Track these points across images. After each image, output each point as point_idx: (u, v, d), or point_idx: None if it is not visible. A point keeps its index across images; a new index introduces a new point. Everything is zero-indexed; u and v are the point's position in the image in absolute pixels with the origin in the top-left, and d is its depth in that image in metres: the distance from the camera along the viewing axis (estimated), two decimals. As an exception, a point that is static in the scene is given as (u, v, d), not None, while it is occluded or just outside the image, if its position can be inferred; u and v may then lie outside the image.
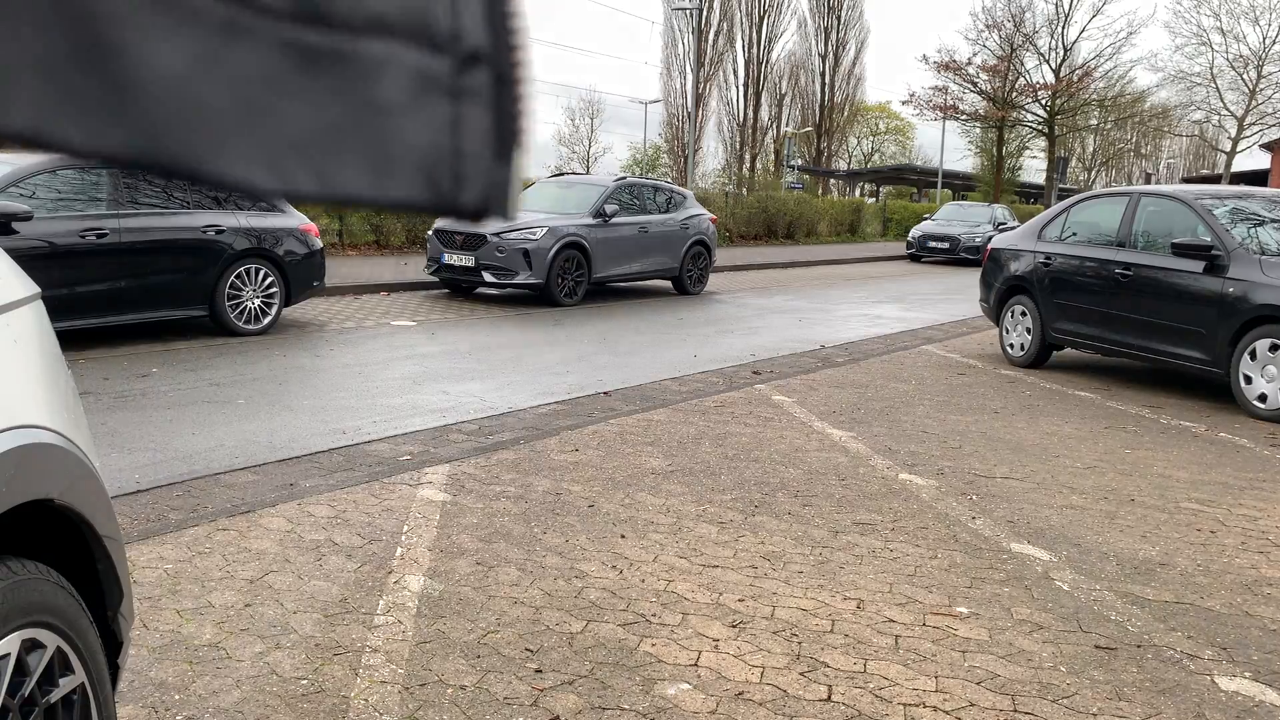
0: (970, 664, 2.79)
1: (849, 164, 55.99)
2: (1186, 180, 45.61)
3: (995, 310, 8.74)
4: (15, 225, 6.84)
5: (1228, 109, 36.42)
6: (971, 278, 16.50)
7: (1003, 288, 8.60)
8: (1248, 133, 35.69)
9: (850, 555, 3.63)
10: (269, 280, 8.68)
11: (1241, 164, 35.59)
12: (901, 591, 3.30)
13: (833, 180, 48.17)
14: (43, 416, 1.49)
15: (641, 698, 2.52)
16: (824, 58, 46.88)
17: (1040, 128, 38.13)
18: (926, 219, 25.87)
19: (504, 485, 4.32)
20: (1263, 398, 6.43)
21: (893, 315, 12.06)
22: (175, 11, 0.49)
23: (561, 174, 14.18)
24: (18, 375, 1.50)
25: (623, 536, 3.73)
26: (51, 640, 1.44)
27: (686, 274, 13.50)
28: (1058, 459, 5.19)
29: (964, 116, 38.47)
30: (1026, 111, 37.76)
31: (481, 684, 2.55)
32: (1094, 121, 41.59)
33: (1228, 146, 37.58)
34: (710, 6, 39.82)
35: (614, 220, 12.26)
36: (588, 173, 36.65)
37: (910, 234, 24.84)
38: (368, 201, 0.54)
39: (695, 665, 2.72)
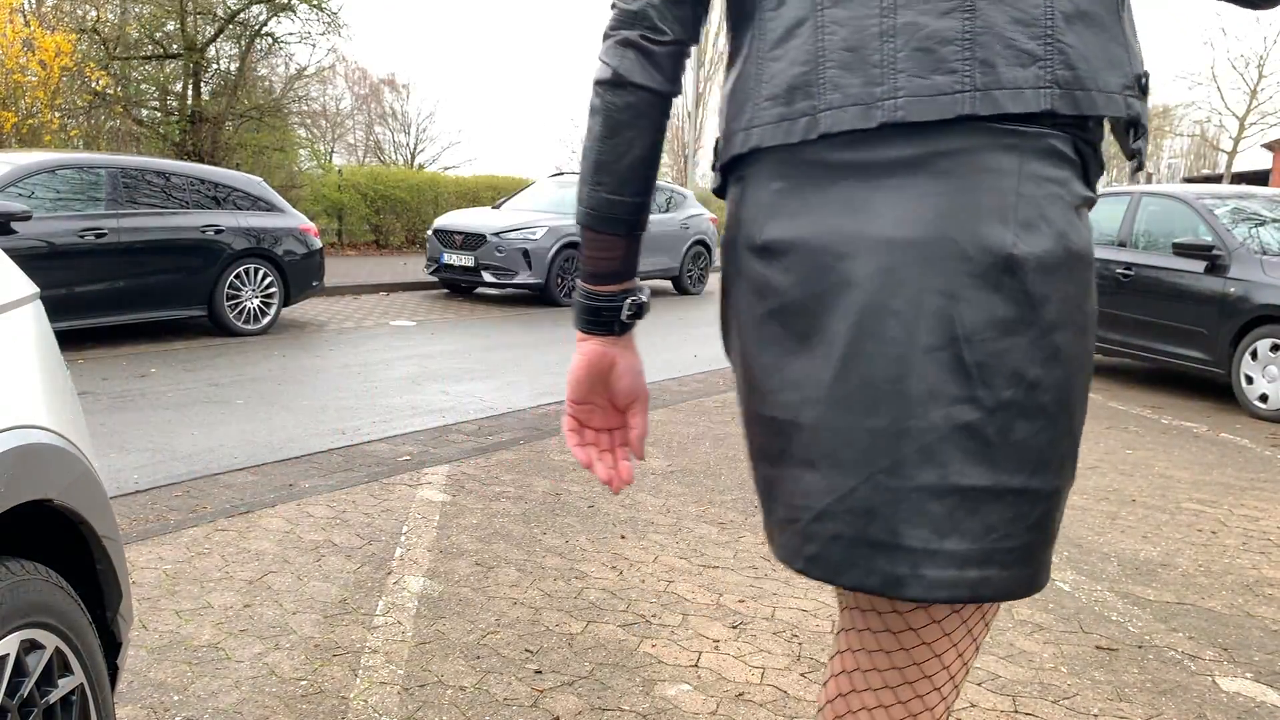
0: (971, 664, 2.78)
1: (849, 164, 55.66)
2: (1187, 180, 45.58)
3: (995, 310, 8.73)
4: (14, 225, 6.84)
5: (1229, 108, 36.42)
6: (971, 278, 16.41)
7: (1003, 288, 8.59)
8: (1249, 132, 35.69)
9: (851, 555, 3.63)
10: (268, 280, 8.68)
11: (1243, 163, 35.58)
12: (902, 592, 3.30)
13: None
14: (42, 416, 1.48)
15: (642, 698, 2.51)
16: (824, 57, 46.81)
17: (1040, 127, 38.04)
18: (926, 219, 25.86)
19: (504, 485, 4.31)
20: (1264, 398, 6.43)
21: (893, 315, 12.05)
22: None
23: (561, 174, 14.16)
24: (17, 375, 1.49)
25: (623, 537, 3.72)
26: (50, 641, 1.44)
27: (686, 274, 13.50)
28: (1058, 459, 5.18)
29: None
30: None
31: (481, 685, 2.55)
32: (1094, 121, 41.52)
33: (1229, 146, 37.57)
34: (710, 6, 39.73)
35: (614, 220, 12.26)
36: (588, 172, 36.47)
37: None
38: None
39: (695, 666, 2.71)
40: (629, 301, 1.12)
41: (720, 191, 1.15)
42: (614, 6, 1.08)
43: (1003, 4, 0.91)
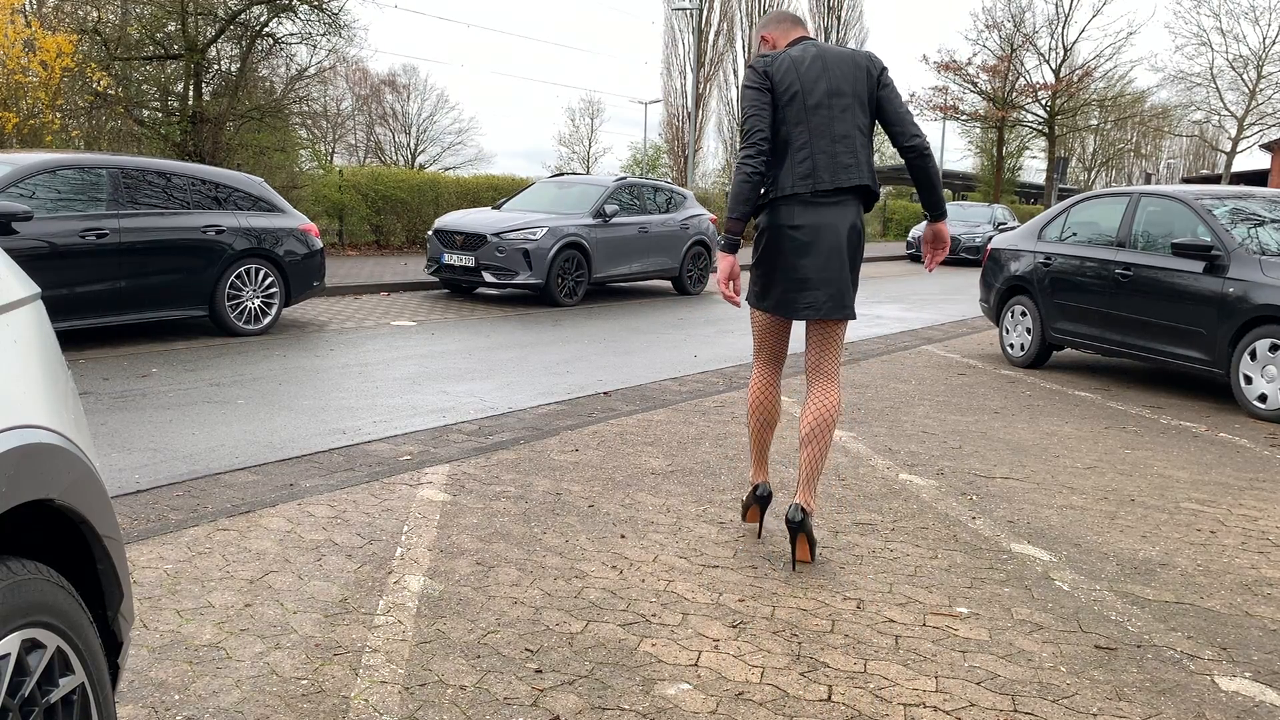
0: (970, 664, 2.79)
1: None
2: (1186, 180, 45.53)
3: (995, 310, 8.74)
4: (15, 225, 6.84)
5: (1228, 109, 36.39)
6: (971, 278, 16.48)
7: (1003, 288, 8.60)
8: (1248, 133, 35.66)
9: (850, 555, 3.63)
10: (269, 280, 8.68)
11: (1241, 164, 35.60)
12: (901, 591, 3.30)
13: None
14: (43, 416, 1.49)
15: (641, 698, 2.52)
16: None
17: (1040, 128, 38.11)
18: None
19: (504, 485, 4.32)
20: (1263, 398, 6.43)
21: (893, 315, 12.06)
22: None
23: (561, 174, 14.17)
24: (18, 375, 1.50)
25: (623, 536, 3.73)
26: (51, 640, 1.44)
27: (686, 274, 13.49)
28: (1058, 459, 5.19)
29: (964, 117, 38.45)
30: (1027, 112, 37.75)
31: (481, 684, 2.55)
32: (1094, 122, 41.57)
33: (1228, 147, 37.53)
34: (710, 6, 39.76)
35: (614, 220, 12.26)
36: (588, 173, 36.61)
37: (910, 234, 24.83)
38: None
39: (695, 665, 2.72)
40: (740, 239, 3.48)
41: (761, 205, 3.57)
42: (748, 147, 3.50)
43: (862, 156, 3.49)
